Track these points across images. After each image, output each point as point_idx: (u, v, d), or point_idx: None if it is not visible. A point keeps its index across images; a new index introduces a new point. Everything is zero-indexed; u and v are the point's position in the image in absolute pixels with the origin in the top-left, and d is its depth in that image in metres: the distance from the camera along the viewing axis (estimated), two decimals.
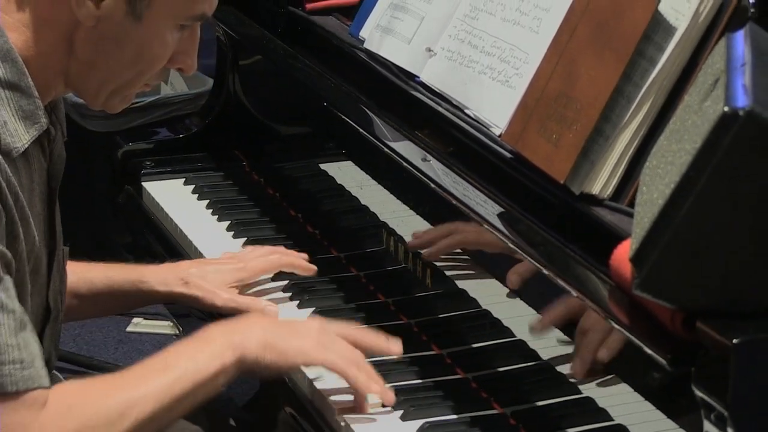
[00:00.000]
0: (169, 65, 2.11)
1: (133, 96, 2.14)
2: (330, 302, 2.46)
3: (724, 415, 1.61)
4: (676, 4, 1.96)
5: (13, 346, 1.90)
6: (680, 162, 1.64)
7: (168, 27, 2.05)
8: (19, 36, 2.02)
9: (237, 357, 2.05)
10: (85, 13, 2.00)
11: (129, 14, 2.01)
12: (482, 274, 2.23)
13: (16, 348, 1.91)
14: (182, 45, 2.10)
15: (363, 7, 2.67)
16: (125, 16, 2.01)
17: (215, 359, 2.04)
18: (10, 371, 1.90)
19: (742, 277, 1.64)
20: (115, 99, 2.11)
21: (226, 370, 2.05)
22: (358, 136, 2.50)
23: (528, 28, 2.24)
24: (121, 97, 2.12)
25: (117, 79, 2.08)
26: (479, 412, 2.12)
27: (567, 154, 1.98)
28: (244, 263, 2.47)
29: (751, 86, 1.61)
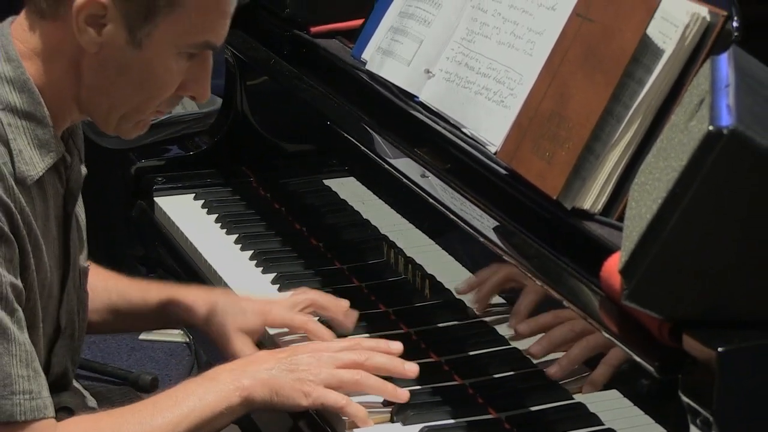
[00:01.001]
0: (180, 92, 2.08)
1: (147, 123, 2.11)
2: None
3: (709, 420, 1.61)
4: (664, 28, 1.96)
5: (23, 378, 1.90)
6: (667, 179, 1.64)
7: (171, 55, 2.02)
8: (32, 64, 2.01)
9: (243, 398, 2.04)
10: (88, 40, 1.98)
11: (129, 42, 1.99)
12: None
13: (26, 379, 1.90)
14: (192, 73, 2.06)
15: (365, 31, 2.67)
16: (126, 43, 1.99)
17: (223, 400, 2.03)
18: (20, 401, 1.89)
19: (726, 289, 1.64)
20: (127, 124, 2.08)
21: (232, 411, 2.04)
22: (360, 153, 2.50)
23: (522, 50, 2.24)
24: (133, 123, 2.08)
25: (125, 105, 2.05)
26: (475, 416, 2.12)
27: (559, 171, 1.98)
28: (269, 309, 2.37)
29: (734, 106, 1.61)
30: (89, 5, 1.95)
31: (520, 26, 2.26)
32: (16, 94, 1.99)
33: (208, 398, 2.03)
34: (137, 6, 1.96)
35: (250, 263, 2.68)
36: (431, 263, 2.36)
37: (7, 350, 1.89)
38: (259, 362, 2.13)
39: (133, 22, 1.97)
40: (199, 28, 2.02)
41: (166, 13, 1.97)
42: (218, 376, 2.08)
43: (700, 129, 1.61)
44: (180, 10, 1.98)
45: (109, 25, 1.97)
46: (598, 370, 1.90)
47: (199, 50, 2.05)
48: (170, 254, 2.87)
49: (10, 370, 1.89)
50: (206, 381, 2.07)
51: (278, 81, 2.93)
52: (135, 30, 1.98)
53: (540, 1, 2.24)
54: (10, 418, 1.88)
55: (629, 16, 1.97)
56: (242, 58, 3.03)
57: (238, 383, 2.05)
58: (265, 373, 2.08)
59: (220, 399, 2.04)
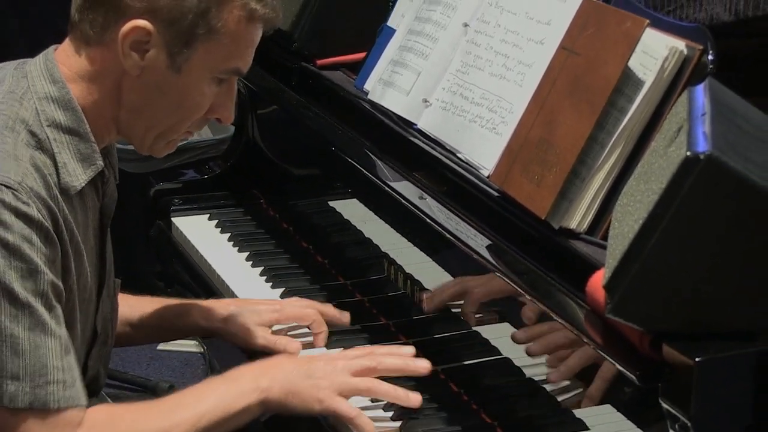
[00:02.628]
0: (209, 115, 2.11)
1: (177, 142, 2.14)
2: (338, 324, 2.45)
3: (687, 425, 1.60)
4: (644, 60, 1.96)
5: (58, 368, 1.91)
6: (648, 201, 1.64)
7: (205, 79, 2.05)
8: (76, 87, 2.04)
9: (261, 399, 2.02)
10: (131, 64, 2.01)
11: (169, 66, 2.02)
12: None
13: (60, 370, 1.91)
14: (220, 97, 2.09)
15: (367, 63, 2.67)
16: (166, 67, 2.02)
17: (242, 399, 2.02)
18: (54, 390, 1.90)
19: (703, 303, 1.63)
20: (160, 144, 2.11)
21: (250, 410, 2.02)
22: (363, 176, 2.50)
23: (513, 81, 2.24)
24: (165, 143, 2.11)
25: (160, 125, 2.08)
26: (469, 422, 2.11)
27: (547, 193, 1.98)
28: (281, 307, 2.40)
29: (710, 134, 1.61)
30: (135, 32, 1.99)
31: (510, 59, 2.26)
32: (61, 112, 2.01)
33: (227, 397, 2.02)
34: (179, 33, 2.00)
35: (261, 279, 2.67)
36: (429, 279, 2.36)
37: (44, 343, 1.90)
38: (278, 366, 2.12)
39: (174, 48, 2.01)
40: (231, 55, 2.05)
41: (204, 40, 2.01)
42: (239, 376, 2.07)
43: (679, 154, 1.60)
44: (216, 38, 2.01)
45: (152, 51, 2.00)
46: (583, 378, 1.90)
47: (229, 76, 2.08)
48: (186, 270, 2.87)
49: (46, 362, 1.90)
50: (227, 380, 2.07)
51: (287, 110, 2.93)
52: (175, 55, 2.01)
53: (529, 35, 2.24)
54: (44, 406, 1.89)
55: (612, 49, 1.97)
56: (253, 89, 3.03)
57: (256, 384, 2.03)
58: (282, 376, 2.06)
59: (239, 398, 2.02)
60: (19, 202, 1.89)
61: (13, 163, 1.92)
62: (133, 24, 1.98)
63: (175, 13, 1.98)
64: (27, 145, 1.96)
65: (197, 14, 1.99)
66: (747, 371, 1.63)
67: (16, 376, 1.88)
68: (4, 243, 1.87)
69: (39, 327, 1.90)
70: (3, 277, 1.87)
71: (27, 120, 1.98)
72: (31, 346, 1.89)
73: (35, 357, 1.89)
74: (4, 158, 1.91)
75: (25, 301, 1.88)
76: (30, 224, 1.89)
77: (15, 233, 1.88)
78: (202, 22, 2.00)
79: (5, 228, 1.87)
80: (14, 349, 1.88)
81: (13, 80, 2.04)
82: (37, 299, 1.90)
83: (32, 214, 1.90)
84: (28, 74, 2.04)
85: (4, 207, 1.88)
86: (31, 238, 1.89)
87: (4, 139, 1.94)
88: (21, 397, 1.89)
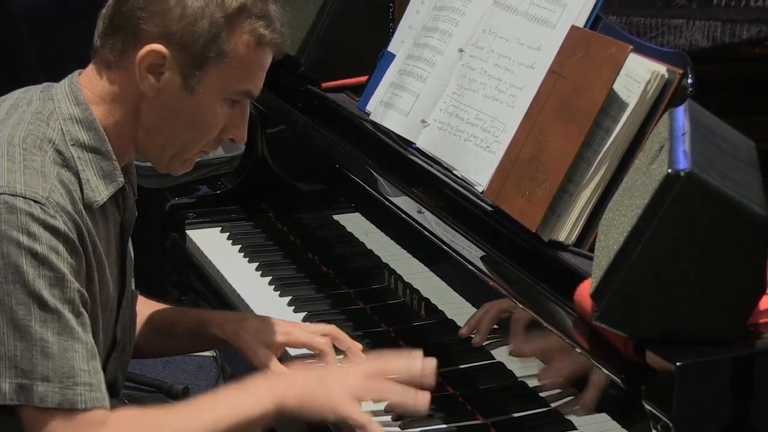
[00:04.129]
0: (223, 135, 2.11)
1: (193, 161, 2.14)
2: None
3: (669, 426, 1.60)
4: (628, 83, 1.96)
5: (85, 371, 1.91)
6: (631, 215, 1.64)
7: (217, 100, 2.05)
8: (98, 108, 2.05)
9: (277, 406, 2.00)
10: (148, 86, 2.01)
11: (183, 87, 2.02)
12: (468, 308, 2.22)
13: (87, 373, 1.91)
14: (233, 119, 2.09)
15: (369, 86, 2.67)
16: (180, 89, 2.02)
17: (257, 407, 2.00)
18: (82, 392, 1.90)
19: (684, 311, 1.63)
20: (177, 162, 2.11)
21: (265, 417, 2.00)
22: (365, 192, 2.50)
23: (505, 103, 2.24)
24: (181, 161, 2.11)
25: (175, 144, 2.08)
26: (465, 422, 2.11)
27: (538, 208, 1.98)
28: (291, 331, 2.32)
29: (690, 152, 1.61)
30: (151, 55, 1.99)
31: (503, 82, 2.26)
32: (84, 132, 2.02)
33: (245, 404, 2.00)
34: (192, 57, 2.00)
35: (269, 287, 2.67)
36: (426, 288, 2.36)
37: (72, 347, 1.90)
38: (293, 375, 2.11)
39: (188, 70, 2.01)
40: (242, 78, 2.05)
41: (216, 63, 2.01)
42: (256, 384, 2.05)
43: (661, 171, 1.60)
44: (227, 61, 2.02)
45: (167, 73, 2.01)
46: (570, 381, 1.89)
47: (240, 98, 2.08)
48: (200, 279, 2.87)
49: (74, 364, 1.90)
50: (244, 387, 2.04)
51: (294, 129, 2.93)
52: (189, 78, 2.01)
53: (520, 60, 2.24)
54: (73, 406, 1.89)
55: (598, 73, 1.97)
56: (262, 109, 3.03)
57: (272, 392, 2.01)
58: (298, 385, 2.04)
59: (256, 405, 2.00)
60: (47, 216, 1.89)
61: (41, 180, 1.92)
62: (149, 48, 1.99)
63: (188, 38, 1.99)
64: (54, 163, 1.96)
65: (208, 39, 1.99)
66: (724, 375, 1.63)
67: (46, 377, 1.88)
68: (34, 253, 1.88)
69: (67, 332, 1.90)
70: (33, 285, 1.87)
71: (53, 139, 1.99)
72: (60, 349, 1.89)
73: (64, 360, 1.89)
74: (32, 175, 1.92)
75: (54, 308, 1.89)
76: (57, 236, 1.90)
77: (43, 244, 1.88)
78: (213, 46, 2.00)
79: (34, 239, 1.88)
80: (44, 352, 1.88)
81: (40, 102, 2.04)
82: (65, 306, 1.90)
83: (59, 226, 1.90)
84: (54, 97, 2.05)
85: (33, 220, 1.88)
86: (58, 249, 1.90)
87: (33, 157, 1.95)
88: (51, 397, 1.89)
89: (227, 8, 2.00)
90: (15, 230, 1.87)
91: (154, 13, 1.99)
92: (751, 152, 1.79)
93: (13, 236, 1.87)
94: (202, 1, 1.99)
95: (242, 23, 2.02)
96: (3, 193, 1.89)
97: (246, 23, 2.02)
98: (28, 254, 1.87)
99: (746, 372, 1.64)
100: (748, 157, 1.76)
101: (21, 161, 1.93)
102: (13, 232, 1.87)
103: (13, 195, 1.89)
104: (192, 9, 1.98)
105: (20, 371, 1.87)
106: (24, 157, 1.94)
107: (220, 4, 1.99)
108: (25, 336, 1.87)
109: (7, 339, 1.87)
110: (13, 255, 1.87)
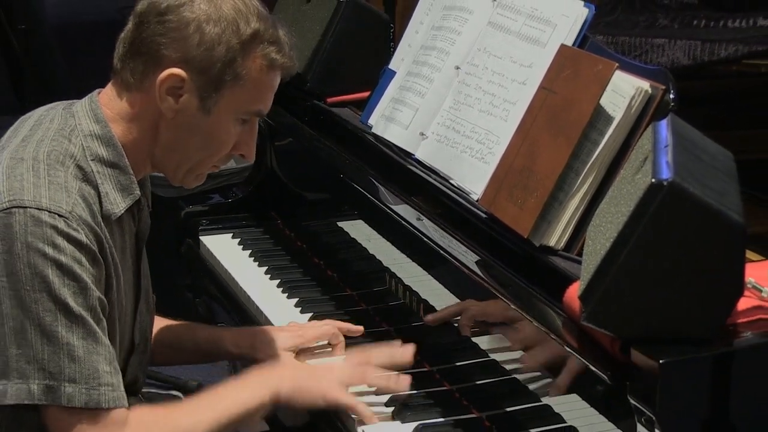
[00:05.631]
0: (233, 152, 2.12)
1: (205, 176, 2.15)
2: None
3: (652, 419, 1.60)
4: (614, 98, 1.96)
5: (107, 373, 1.92)
6: (618, 222, 1.63)
7: (230, 120, 2.06)
8: (117, 126, 2.05)
9: (272, 396, 2.06)
10: (167, 107, 2.02)
11: (200, 108, 2.03)
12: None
13: (109, 374, 1.92)
14: (243, 136, 2.10)
15: (371, 101, 2.67)
16: (197, 110, 2.03)
17: (255, 397, 2.05)
18: (105, 392, 1.91)
19: (666, 312, 1.63)
20: (191, 177, 2.12)
21: (263, 406, 2.06)
22: (367, 200, 2.50)
23: (499, 117, 2.24)
24: (195, 176, 2.12)
25: (190, 160, 2.09)
26: (461, 416, 2.10)
27: (529, 215, 1.98)
28: (303, 332, 2.36)
29: (672, 163, 1.61)
30: (171, 79, 2.00)
31: (497, 97, 2.26)
32: (104, 148, 2.02)
33: (244, 396, 2.05)
34: (209, 80, 2.01)
35: (278, 290, 2.67)
36: (425, 290, 2.35)
37: (96, 350, 1.91)
38: (285, 367, 2.17)
39: (205, 92, 2.02)
40: (255, 99, 2.07)
41: (231, 86, 2.02)
42: (252, 376, 2.10)
43: (645, 181, 1.60)
44: (241, 84, 2.03)
45: (185, 95, 2.02)
46: (561, 377, 1.89)
47: (251, 117, 2.09)
48: (213, 283, 2.86)
49: (98, 366, 1.90)
50: (242, 381, 2.09)
51: (300, 142, 2.93)
52: (205, 99, 2.02)
53: (513, 77, 2.24)
54: (97, 405, 1.90)
55: (586, 89, 1.96)
56: (271, 123, 3.03)
57: (268, 383, 2.07)
58: (290, 375, 2.10)
59: (253, 395, 2.05)
60: (71, 229, 1.90)
61: (65, 195, 1.93)
62: (169, 72, 1.99)
63: (206, 62, 1.99)
64: (75, 178, 1.97)
65: (225, 63, 2.00)
66: (704, 372, 1.62)
67: (73, 379, 1.88)
68: (59, 264, 1.88)
69: (91, 336, 1.90)
70: (58, 293, 1.88)
71: (75, 155, 1.99)
72: (85, 353, 1.89)
73: (89, 362, 1.90)
74: (56, 190, 1.92)
75: (78, 314, 1.89)
76: (80, 248, 1.90)
77: (68, 255, 1.89)
78: (229, 70, 2.01)
79: (59, 251, 1.88)
80: (71, 355, 1.88)
81: (62, 119, 2.04)
82: (88, 313, 1.90)
83: (81, 239, 1.91)
84: (75, 114, 2.05)
85: (58, 233, 1.88)
86: (81, 260, 1.90)
87: (56, 173, 1.95)
88: (77, 397, 1.89)
89: (242, 35, 2.01)
90: (41, 242, 1.88)
91: (174, 39, 1.99)
92: (729, 163, 1.79)
93: (39, 248, 1.87)
94: (219, 28, 1.99)
95: (256, 48, 2.02)
96: (29, 207, 1.89)
97: (259, 48, 2.03)
98: (54, 265, 1.88)
99: (725, 369, 1.64)
100: (727, 168, 1.76)
101: (45, 176, 1.93)
102: (39, 244, 1.87)
103: (38, 209, 1.89)
104: (210, 36, 1.99)
105: (48, 373, 1.88)
106: (48, 172, 1.94)
107: (235, 31, 2.00)
108: (52, 341, 1.88)
109: (35, 343, 1.88)
110: (40, 265, 1.87)
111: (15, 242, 1.87)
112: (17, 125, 2.09)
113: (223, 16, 2.00)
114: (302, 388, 2.07)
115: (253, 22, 2.02)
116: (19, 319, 1.87)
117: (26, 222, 1.88)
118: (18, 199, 1.90)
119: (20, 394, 1.88)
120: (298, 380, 2.09)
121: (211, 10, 2.00)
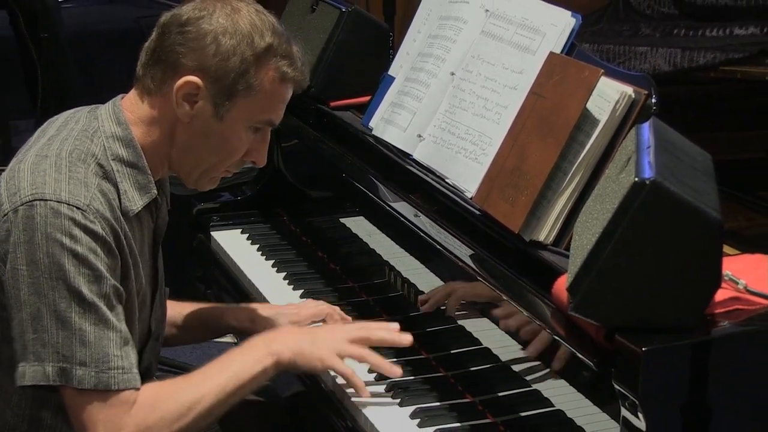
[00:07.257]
0: (245, 158, 2.11)
1: (218, 179, 2.15)
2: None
3: (636, 403, 1.60)
4: (599, 102, 1.96)
5: (118, 356, 1.91)
6: (603, 218, 1.64)
7: (243, 127, 2.06)
8: (137, 128, 2.05)
9: (275, 361, 2.03)
10: (183, 112, 2.02)
11: (214, 115, 2.03)
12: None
13: (120, 358, 1.92)
14: (255, 144, 2.10)
15: (371, 105, 2.67)
16: (211, 116, 2.03)
17: (258, 363, 2.02)
18: (115, 374, 1.91)
19: (649, 303, 1.63)
20: (204, 180, 2.12)
21: (266, 371, 2.03)
22: (368, 198, 2.49)
23: (491, 120, 2.24)
24: (208, 179, 2.12)
25: (204, 164, 2.09)
26: (455, 400, 2.10)
27: (520, 212, 1.98)
28: (299, 311, 2.40)
29: (654, 163, 1.61)
30: (187, 86, 2.00)
31: (490, 102, 2.26)
32: (124, 149, 2.03)
33: (247, 363, 2.02)
34: (223, 88, 2.01)
35: (284, 282, 2.67)
36: (422, 282, 2.35)
37: (107, 335, 1.90)
38: (286, 333, 2.14)
39: (219, 100, 2.02)
40: (266, 109, 2.07)
41: (243, 95, 2.02)
42: (254, 344, 2.07)
43: (628, 180, 1.60)
44: (253, 94, 2.03)
45: (200, 102, 2.02)
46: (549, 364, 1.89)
47: (263, 126, 2.09)
48: (223, 275, 2.86)
49: (108, 351, 1.90)
50: (245, 349, 2.07)
51: (305, 143, 2.93)
52: (219, 106, 2.02)
53: (505, 82, 2.24)
54: (107, 388, 1.90)
55: (573, 94, 1.96)
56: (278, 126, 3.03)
57: (269, 349, 2.04)
58: (291, 341, 2.07)
59: (256, 363, 2.02)
60: (87, 221, 1.90)
61: (83, 189, 1.93)
62: (186, 79, 2.00)
63: (221, 72, 2.00)
64: (95, 175, 1.97)
65: (239, 73, 2.00)
66: (684, 359, 1.63)
67: (83, 362, 1.88)
68: (75, 253, 1.88)
69: (102, 322, 1.90)
70: (73, 281, 1.88)
71: (96, 154, 1.99)
72: (96, 338, 1.89)
73: (99, 347, 1.89)
74: (76, 185, 1.93)
75: (91, 301, 1.89)
76: (95, 239, 1.90)
77: (83, 245, 1.89)
78: (243, 80, 2.01)
79: (76, 241, 1.88)
80: (82, 340, 1.88)
81: (86, 121, 2.05)
82: (101, 300, 1.90)
83: (97, 230, 1.91)
84: (99, 117, 2.06)
85: (75, 224, 1.89)
86: (96, 250, 1.90)
87: (77, 169, 1.95)
88: (87, 380, 1.89)
89: (256, 48, 2.01)
90: (59, 233, 1.88)
91: (192, 49, 2.00)
92: (707, 163, 1.79)
93: (57, 238, 1.88)
94: (235, 40, 1.99)
95: (269, 61, 2.02)
96: (50, 200, 1.89)
97: (272, 61, 2.03)
98: (70, 254, 1.88)
99: (704, 356, 1.64)
100: (705, 168, 1.76)
101: (66, 172, 1.94)
102: (57, 234, 1.88)
103: (58, 202, 1.89)
104: (225, 47, 1.99)
105: (62, 356, 1.88)
106: (69, 168, 1.94)
107: (250, 44, 2.00)
108: (66, 326, 1.88)
109: (50, 328, 1.88)
110: (57, 255, 1.87)
111: (36, 233, 1.88)
112: (45, 126, 2.10)
113: (239, 30, 2.00)
114: (302, 353, 2.05)
115: (267, 37, 2.02)
116: (36, 306, 1.88)
117: (47, 214, 1.88)
118: (40, 193, 1.90)
119: (37, 375, 1.89)
120: (299, 346, 2.06)
121: (228, 24, 2.00)
